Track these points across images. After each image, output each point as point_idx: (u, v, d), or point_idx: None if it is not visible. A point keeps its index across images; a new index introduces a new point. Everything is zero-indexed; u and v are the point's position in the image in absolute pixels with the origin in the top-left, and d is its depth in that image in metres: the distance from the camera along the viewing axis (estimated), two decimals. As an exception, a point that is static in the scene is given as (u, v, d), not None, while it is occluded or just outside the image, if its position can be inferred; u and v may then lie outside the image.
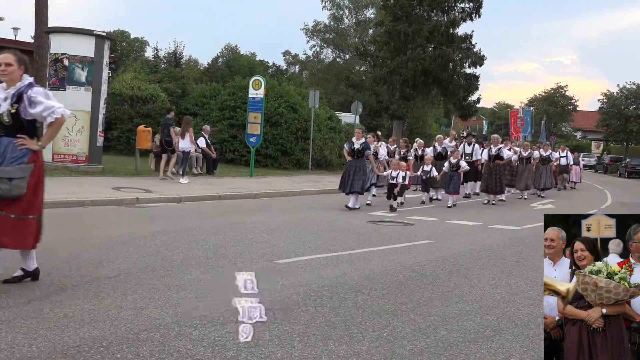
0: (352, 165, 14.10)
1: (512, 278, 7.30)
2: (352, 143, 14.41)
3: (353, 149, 14.28)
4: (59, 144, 16.38)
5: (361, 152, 14.21)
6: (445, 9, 35.80)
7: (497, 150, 17.70)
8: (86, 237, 8.34)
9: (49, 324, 4.66)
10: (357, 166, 14.05)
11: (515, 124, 37.89)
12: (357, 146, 14.23)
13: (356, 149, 14.24)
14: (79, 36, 16.77)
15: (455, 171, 16.21)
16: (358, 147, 14.21)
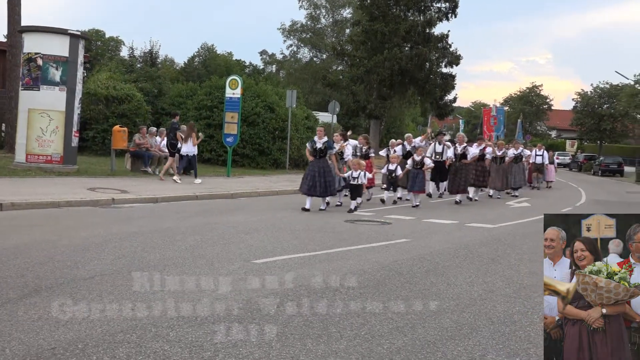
0: (314, 165, 13.47)
1: (488, 276, 7.36)
2: (314, 142, 13.74)
3: (315, 149, 13.60)
4: (32, 145, 16.17)
5: (324, 152, 13.55)
6: (422, 9, 36.06)
7: (462, 149, 17.22)
8: (61, 239, 8.25)
9: (23, 326, 4.60)
10: (320, 166, 13.42)
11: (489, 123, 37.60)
12: (320, 145, 13.56)
13: (318, 148, 13.57)
14: (53, 35, 16.56)
15: (420, 169, 15.53)
16: (320, 147, 13.55)
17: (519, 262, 8.41)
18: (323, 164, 13.49)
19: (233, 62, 58.46)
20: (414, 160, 15.71)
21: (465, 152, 17.11)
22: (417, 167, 15.55)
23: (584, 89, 71.48)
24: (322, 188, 13.31)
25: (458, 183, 17.02)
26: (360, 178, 13.65)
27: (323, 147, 13.51)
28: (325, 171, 13.43)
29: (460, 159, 17.08)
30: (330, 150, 13.65)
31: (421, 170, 15.51)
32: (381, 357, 4.41)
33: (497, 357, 4.54)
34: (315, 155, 13.56)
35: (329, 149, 13.59)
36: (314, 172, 13.35)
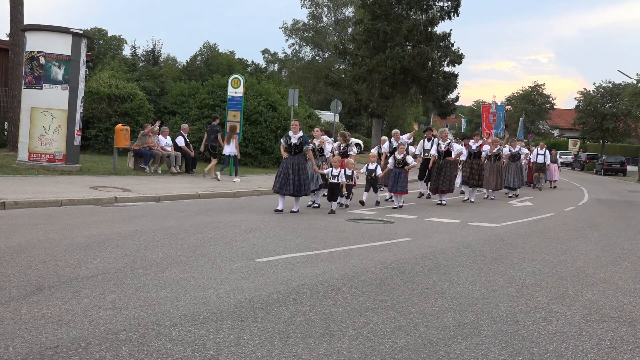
0: (289, 162, 12.62)
1: (491, 275, 7.35)
2: (289, 137, 12.84)
3: (290, 144, 12.75)
4: (35, 143, 16.20)
5: (299, 148, 12.71)
6: (424, 8, 36.03)
7: (446, 146, 16.15)
8: (64, 237, 8.26)
9: (26, 325, 4.61)
10: (295, 163, 12.58)
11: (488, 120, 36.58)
12: (294, 140, 12.70)
13: (293, 143, 12.70)
14: (56, 34, 16.57)
15: (402, 168, 14.48)
16: (295, 142, 12.69)
17: (521, 261, 8.40)
18: (298, 160, 12.68)
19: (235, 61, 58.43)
20: (395, 159, 14.79)
21: (449, 149, 16.12)
22: (399, 166, 14.61)
23: (586, 88, 71.43)
24: (296, 186, 12.49)
25: (442, 183, 15.96)
26: (340, 177, 12.95)
27: (298, 143, 12.70)
28: (300, 168, 12.61)
29: (444, 156, 16.12)
30: (306, 146, 12.82)
31: (403, 170, 14.51)
32: (383, 356, 4.40)
33: (499, 356, 4.54)
34: (290, 151, 12.76)
35: (304, 144, 12.76)
36: (288, 170, 12.54)
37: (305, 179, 12.67)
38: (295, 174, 12.48)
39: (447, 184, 15.92)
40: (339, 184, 12.93)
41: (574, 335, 5.11)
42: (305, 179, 12.64)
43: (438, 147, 16.27)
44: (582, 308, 6.01)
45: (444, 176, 15.90)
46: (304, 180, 12.62)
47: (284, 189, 12.43)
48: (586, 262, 8.63)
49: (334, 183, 12.91)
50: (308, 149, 12.91)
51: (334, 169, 13.03)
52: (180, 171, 19.47)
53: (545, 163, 24.77)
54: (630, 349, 4.86)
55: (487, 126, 35.95)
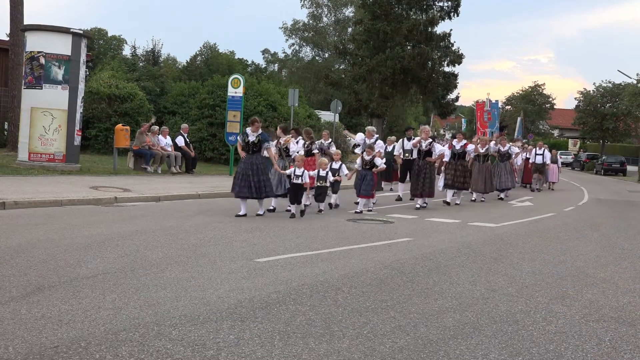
0: (247, 162, 11.68)
1: (491, 275, 7.35)
2: (246, 135, 11.88)
3: (247, 142, 11.78)
4: (35, 143, 16.19)
5: (257, 146, 11.76)
6: (424, 8, 36.02)
7: (427, 145, 14.81)
8: (64, 237, 8.26)
9: (26, 325, 4.61)
10: (254, 163, 11.62)
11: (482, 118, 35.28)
12: (252, 138, 11.74)
13: (251, 141, 11.74)
14: (56, 34, 16.57)
15: (369, 169, 13.42)
16: (253, 140, 11.73)
17: (521, 261, 8.40)
18: (257, 160, 11.70)
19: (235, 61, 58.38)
20: (363, 159, 13.64)
21: (430, 149, 14.80)
22: (366, 168, 13.51)
23: (586, 88, 71.40)
24: (256, 188, 11.54)
25: (421, 186, 14.63)
26: (304, 177, 12.01)
27: (257, 141, 11.74)
28: (259, 169, 11.65)
29: (424, 156, 14.83)
30: (266, 144, 11.86)
31: (370, 172, 13.42)
32: (383, 356, 4.40)
33: (499, 356, 4.54)
34: (248, 150, 11.79)
35: (263, 142, 11.81)
36: (247, 170, 11.57)
37: (266, 180, 11.73)
38: (254, 175, 11.57)
39: (428, 187, 14.64)
40: (301, 185, 11.97)
41: (574, 335, 5.11)
42: (265, 179, 11.70)
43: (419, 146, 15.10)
44: (582, 308, 6.01)
45: (424, 179, 14.62)
46: (264, 181, 11.68)
47: (243, 191, 11.53)
48: (586, 262, 8.63)
49: (296, 184, 11.99)
50: (268, 147, 11.94)
51: (296, 169, 12.11)
52: (180, 171, 19.48)
53: (544, 163, 23.78)
54: (630, 349, 4.86)
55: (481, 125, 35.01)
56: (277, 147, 13.06)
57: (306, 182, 12.00)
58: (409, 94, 38.73)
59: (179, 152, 19.69)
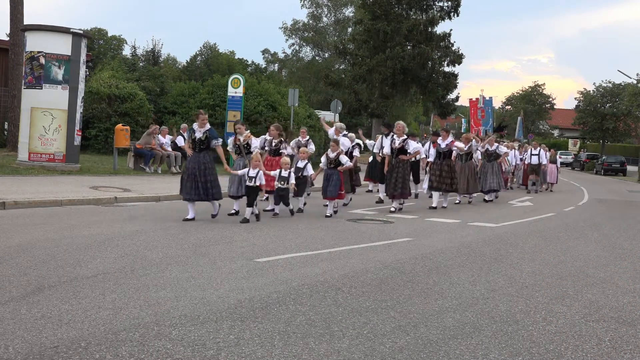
0: (193, 161, 10.73)
1: (491, 275, 7.35)
2: (193, 131, 10.99)
3: (194, 139, 10.87)
4: (35, 143, 16.19)
5: (205, 143, 10.83)
6: (424, 8, 36.06)
7: (401, 142, 13.73)
8: (64, 237, 8.26)
9: (26, 324, 4.61)
10: (201, 162, 10.70)
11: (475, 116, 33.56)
12: (200, 135, 10.81)
13: (198, 138, 10.81)
14: (56, 34, 16.57)
15: (334, 168, 12.49)
16: (200, 137, 10.80)
17: (521, 261, 8.40)
18: (204, 159, 10.77)
19: (235, 61, 58.43)
20: (327, 157, 12.67)
21: (404, 146, 13.71)
22: (332, 167, 12.54)
23: (586, 88, 71.48)
24: (203, 190, 10.63)
25: (394, 186, 13.57)
26: (259, 178, 10.95)
27: (204, 138, 10.81)
28: (207, 168, 10.71)
29: (397, 154, 13.74)
30: (214, 141, 10.90)
31: (336, 171, 12.46)
32: (383, 356, 4.40)
33: (499, 356, 4.54)
34: (195, 147, 10.84)
35: (211, 139, 10.86)
36: (194, 170, 10.64)
37: (213, 180, 10.78)
38: (201, 175, 10.63)
39: (401, 187, 13.54)
40: (257, 188, 10.93)
41: (574, 335, 5.11)
42: (213, 180, 10.76)
43: (392, 143, 13.91)
44: (582, 308, 6.01)
45: (396, 178, 13.56)
46: (212, 181, 10.75)
47: (191, 193, 10.62)
48: (586, 262, 8.63)
49: (250, 187, 10.92)
50: (217, 145, 10.95)
51: (250, 169, 11.04)
52: (180, 171, 19.47)
53: (540, 164, 22.59)
54: (630, 349, 4.86)
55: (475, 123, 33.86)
56: (237, 144, 12.15)
57: (262, 183, 11.01)
58: (409, 94, 38.75)
59: (179, 152, 19.69)
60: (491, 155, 18.09)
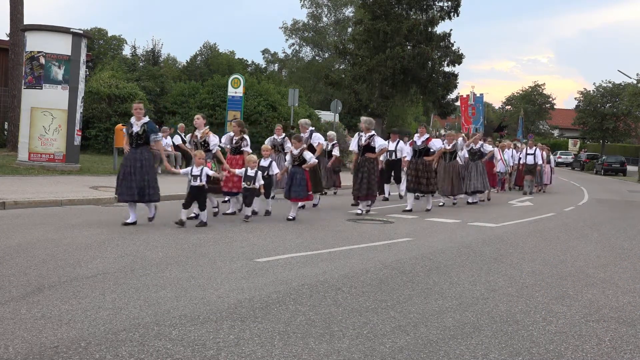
0: (130, 158, 9.75)
1: (491, 275, 7.35)
2: (130, 125, 9.92)
3: (131, 134, 9.84)
4: (35, 143, 16.20)
5: (143, 138, 9.81)
6: (424, 8, 36.04)
7: (367, 139, 12.67)
8: (64, 237, 8.26)
9: (26, 324, 4.60)
10: (138, 159, 9.74)
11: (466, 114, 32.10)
12: (137, 129, 9.78)
13: (135, 132, 9.78)
14: (56, 34, 16.58)
15: (298, 166, 11.63)
16: (137, 131, 9.77)
17: (521, 261, 8.40)
18: (142, 155, 9.78)
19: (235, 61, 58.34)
20: (292, 155, 11.80)
21: (370, 143, 12.69)
22: (296, 165, 11.68)
23: (586, 88, 71.50)
24: (138, 190, 9.65)
25: (357, 186, 12.68)
26: (202, 177, 10.06)
27: (141, 132, 9.78)
28: (145, 166, 9.76)
29: (363, 152, 12.75)
30: (153, 136, 9.88)
31: (300, 169, 11.61)
32: (383, 356, 4.40)
33: (499, 356, 4.53)
34: (132, 143, 9.86)
35: (150, 133, 9.83)
36: (129, 168, 9.69)
37: (151, 179, 9.82)
38: (137, 174, 9.67)
39: (366, 187, 12.60)
40: (203, 187, 10.10)
41: (574, 335, 5.10)
42: (150, 179, 9.80)
43: (358, 140, 12.91)
44: (582, 308, 6.00)
45: (361, 178, 12.61)
46: (150, 181, 9.79)
47: (126, 194, 9.68)
48: (586, 262, 8.63)
49: (194, 187, 10.06)
50: (157, 140, 10.00)
51: (194, 168, 10.15)
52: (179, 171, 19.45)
53: (535, 164, 21.71)
54: (630, 349, 4.86)
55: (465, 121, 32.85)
56: (194, 141, 11.45)
57: (203, 183, 10.09)
58: (409, 94, 38.73)
59: (179, 152, 19.68)
60: (475, 154, 16.96)
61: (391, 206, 14.72)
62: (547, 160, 23.37)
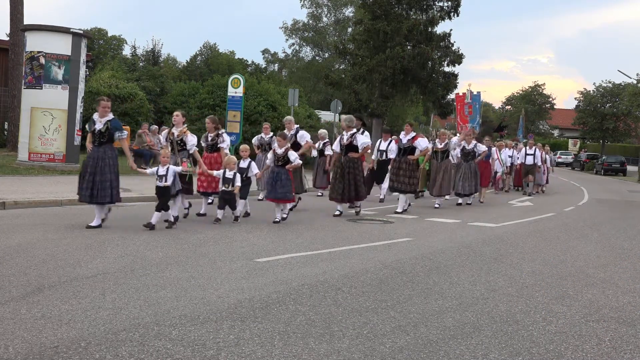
0: (92, 157, 9.19)
1: (491, 275, 7.35)
2: (93, 122, 9.34)
3: (94, 131, 9.29)
4: (35, 143, 16.20)
5: (106, 136, 9.25)
6: (424, 8, 36.01)
7: (349, 138, 12.24)
8: (64, 237, 8.26)
9: (26, 324, 4.60)
10: (100, 158, 9.15)
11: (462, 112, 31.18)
12: (99, 126, 9.23)
13: (97, 130, 9.23)
14: (55, 34, 16.58)
15: (282, 167, 11.01)
16: (100, 128, 9.22)
17: (521, 261, 8.40)
18: (104, 154, 9.21)
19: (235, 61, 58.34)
20: (275, 154, 11.15)
21: (352, 142, 12.25)
22: (279, 164, 11.08)
23: (586, 88, 71.46)
24: (98, 190, 9.09)
25: (340, 189, 12.20)
26: (168, 177, 9.55)
27: (104, 129, 9.22)
28: (106, 165, 9.18)
29: (346, 151, 12.36)
30: (118, 134, 9.33)
31: (284, 169, 11.00)
32: (383, 356, 4.40)
33: (499, 356, 4.53)
34: (94, 140, 9.29)
35: (114, 130, 9.27)
36: (89, 167, 9.17)
37: (114, 180, 9.26)
38: (97, 174, 9.10)
39: (354, 189, 12.21)
40: (168, 188, 9.55)
41: (574, 335, 5.10)
42: (113, 179, 9.24)
43: (339, 139, 12.57)
44: (582, 308, 6.00)
45: (348, 180, 12.17)
46: (112, 181, 9.23)
47: (86, 195, 9.17)
48: (586, 262, 8.63)
49: (160, 187, 9.55)
50: (121, 138, 9.39)
51: (160, 168, 9.64)
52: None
53: (535, 164, 21.22)
54: (630, 349, 4.86)
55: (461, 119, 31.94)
56: (169, 140, 10.84)
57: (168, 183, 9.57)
58: (409, 94, 38.70)
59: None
60: (468, 155, 16.36)
61: (391, 206, 14.70)
62: (544, 160, 22.90)
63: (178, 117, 10.90)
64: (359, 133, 12.40)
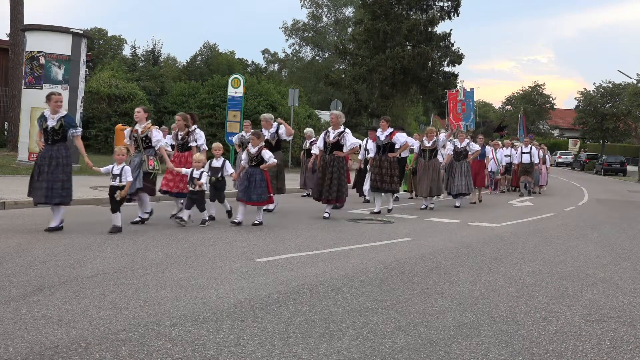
0: (45, 156, 8.68)
1: (491, 275, 7.35)
2: (44, 119, 8.78)
3: (45, 128, 8.72)
4: (35, 143, 16.18)
5: (60, 134, 8.73)
6: (424, 8, 36.10)
7: (336, 136, 11.83)
8: (64, 237, 8.26)
9: (26, 324, 4.60)
10: (53, 157, 8.65)
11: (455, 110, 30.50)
12: (52, 123, 8.70)
13: (50, 127, 8.68)
14: (55, 34, 16.59)
15: (256, 167, 10.45)
16: (54, 125, 8.68)
17: (521, 261, 8.40)
18: (57, 153, 8.70)
19: (235, 61, 58.38)
20: (249, 153, 10.58)
21: (339, 141, 11.82)
22: (253, 165, 10.49)
23: (586, 88, 71.53)
24: (49, 190, 8.58)
25: (326, 188, 11.77)
26: (124, 176, 9.03)
27: (58, 126, 8.69)
28: (60, 164, 8.69)
29: (331, 150, 11.90)
30: (72, 131, 8.83)
31: (259, 170, 10.44)
32: (383, 356, 4.40)
33: (499, 356, 4.53)
34: (47, 139, 8.72)
35: (68, 127, 8.77)
36: (43, 167, 8.63)
37: (66, 180, 8.79)
38: (50, 173, 8.60)
39: (336, 190, 11.72)
40: (117, 188, 9.02)
41: (574, 335, 5.10)
42: (65, 180, 8.78)
43: (325, 136, 12.07)
44: (582, 308, 6.00)
45: (331, 179, 11.73)
46: (64, 182, 8.76)
47: (39, 195, 8.66)
48: (586, 262, 8.63)
49: (114, 187, 9.06)
50: (75, 135, 8.91)
51: (115, 166, 9.15)
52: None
53: (532, 164, 20.71)
54: (630, 349, 4.85)
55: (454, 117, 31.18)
56: (134, 137, 10.32)
57: (129, 180, 9.08)
58: (409, 94, 38.76)
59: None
60: (460, 154, 15.82)
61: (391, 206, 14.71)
62: (543, 159, 22.66)
63: (140, 114, 10.24)
64: (347, 132, 11.92)
